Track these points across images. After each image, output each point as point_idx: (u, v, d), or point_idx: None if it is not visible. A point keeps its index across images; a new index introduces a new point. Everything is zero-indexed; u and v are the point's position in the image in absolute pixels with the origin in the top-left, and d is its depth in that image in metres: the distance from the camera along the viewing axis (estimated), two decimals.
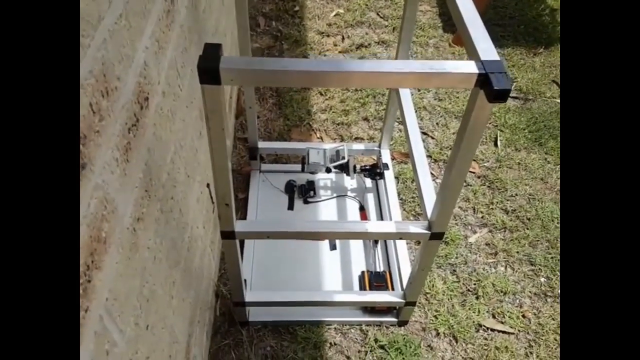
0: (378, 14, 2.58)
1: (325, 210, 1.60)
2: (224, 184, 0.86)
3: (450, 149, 1.90)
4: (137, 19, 0.74)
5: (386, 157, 1.66)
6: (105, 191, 0.61)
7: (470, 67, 0.71)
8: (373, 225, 1.00)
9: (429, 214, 1.03)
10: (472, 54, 0.74)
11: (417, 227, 0.99)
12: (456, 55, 2.33)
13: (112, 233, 0.63)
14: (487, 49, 0.74)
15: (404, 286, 1.27)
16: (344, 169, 1.54)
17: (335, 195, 1.65)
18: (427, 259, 1.05)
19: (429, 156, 1.88)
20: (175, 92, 0.98)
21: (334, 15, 2.54)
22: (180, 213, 1.02)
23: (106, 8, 0.61)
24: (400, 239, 1.31)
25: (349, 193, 1.66)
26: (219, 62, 0.68)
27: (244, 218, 1.59)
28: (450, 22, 2.52)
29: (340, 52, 2.33)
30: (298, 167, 1.64)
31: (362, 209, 1.61)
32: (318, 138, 1.91)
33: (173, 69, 0.97)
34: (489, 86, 0.69)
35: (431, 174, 1.84)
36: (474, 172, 1.81)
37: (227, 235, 0.98)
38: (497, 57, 0.72)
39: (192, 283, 1.09)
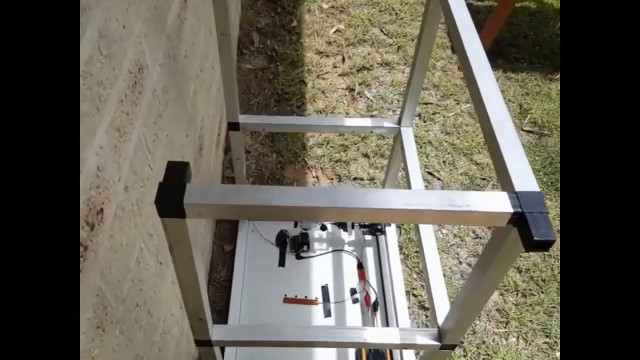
0: (382, 30, 2.40)
1: (320, 268, 1.46)
2: (196, 305, 0.72)
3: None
4: (85, 120, 0.59)
5: None
6: None
7: (501, 202, 0.56)
8: (374, 335, 0.86)
9: (439, 320, 0.89)
10: (503, 177, 0.60)
11: (424, 337, 0.85)
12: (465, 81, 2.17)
13: None
14: (523, 174, 0.59)
15: None
16: (340, 224, 1.40)
17: (331, 249, 1.51)
18: None
19: None
20: (144, 175, 0.83)
21: (334, 32, 2.36)
22: (149, 314, 0.88)
23: None
24: (405, 348, 1.18)
25: (346, 247, 1.52)
26: (183, 193, 0.53)
27: (230, 275, 1.45)
28: None
29: (340, 75, 2.16)
30: None
31: (361, 266, 1.47)
32: (314, 177, 1.76)
33: (141, 150, 0.82)
34: (526, 230, 0.54)
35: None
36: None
37: (203, 343, 0.84)
38: (536, 187, 0.57)
39: None
